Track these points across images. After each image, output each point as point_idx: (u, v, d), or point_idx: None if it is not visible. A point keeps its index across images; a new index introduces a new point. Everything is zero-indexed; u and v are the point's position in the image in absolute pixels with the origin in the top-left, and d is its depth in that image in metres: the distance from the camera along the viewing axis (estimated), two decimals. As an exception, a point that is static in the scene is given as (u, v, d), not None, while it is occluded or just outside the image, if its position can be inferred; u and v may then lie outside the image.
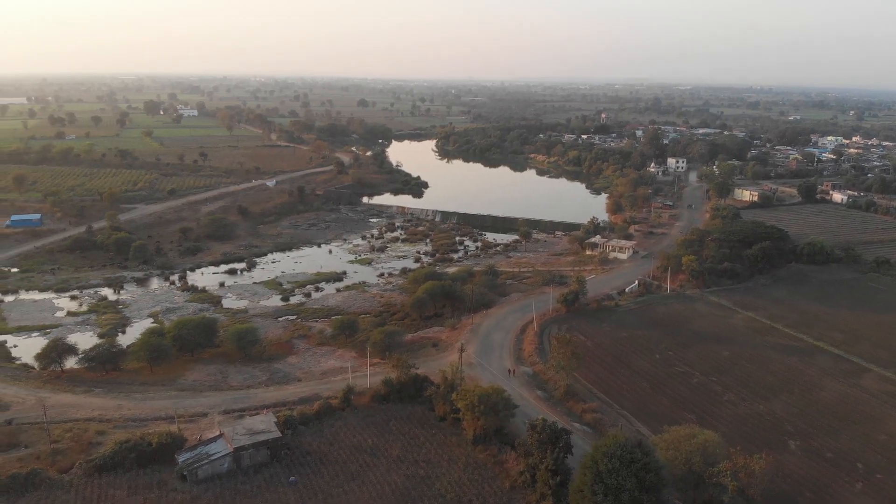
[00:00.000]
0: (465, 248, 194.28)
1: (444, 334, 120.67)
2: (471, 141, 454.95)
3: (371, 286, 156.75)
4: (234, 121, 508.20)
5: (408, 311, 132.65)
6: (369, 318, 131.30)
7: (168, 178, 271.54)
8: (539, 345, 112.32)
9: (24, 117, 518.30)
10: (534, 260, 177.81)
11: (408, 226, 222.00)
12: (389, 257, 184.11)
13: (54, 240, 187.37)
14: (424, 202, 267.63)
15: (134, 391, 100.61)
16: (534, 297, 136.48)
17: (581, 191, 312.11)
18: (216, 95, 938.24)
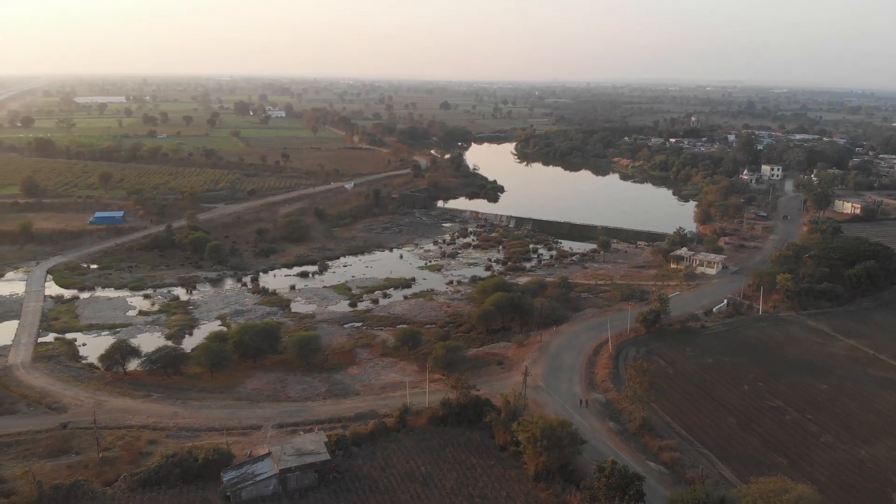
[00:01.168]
0: (539, 256, 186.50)
1: (510, 351, 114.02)
2: (551, 144, 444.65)
3: (439, 294, 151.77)
4: (318, 122, 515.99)
5: (474, 323, 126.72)
6: (434, 330, 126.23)
7: (250, 178, 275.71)
8: (614, 369, 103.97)
9: (121, 116, 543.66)
10: (612, 272, 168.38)
11: (480, 231, 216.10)
12: (460, 264, 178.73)
13: (135, 237, 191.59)
14: (499, 207, 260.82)
15: (191, 398, 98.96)
16: (610, 315, 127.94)
17: (667, 198, 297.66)
18: (305, 97, 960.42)
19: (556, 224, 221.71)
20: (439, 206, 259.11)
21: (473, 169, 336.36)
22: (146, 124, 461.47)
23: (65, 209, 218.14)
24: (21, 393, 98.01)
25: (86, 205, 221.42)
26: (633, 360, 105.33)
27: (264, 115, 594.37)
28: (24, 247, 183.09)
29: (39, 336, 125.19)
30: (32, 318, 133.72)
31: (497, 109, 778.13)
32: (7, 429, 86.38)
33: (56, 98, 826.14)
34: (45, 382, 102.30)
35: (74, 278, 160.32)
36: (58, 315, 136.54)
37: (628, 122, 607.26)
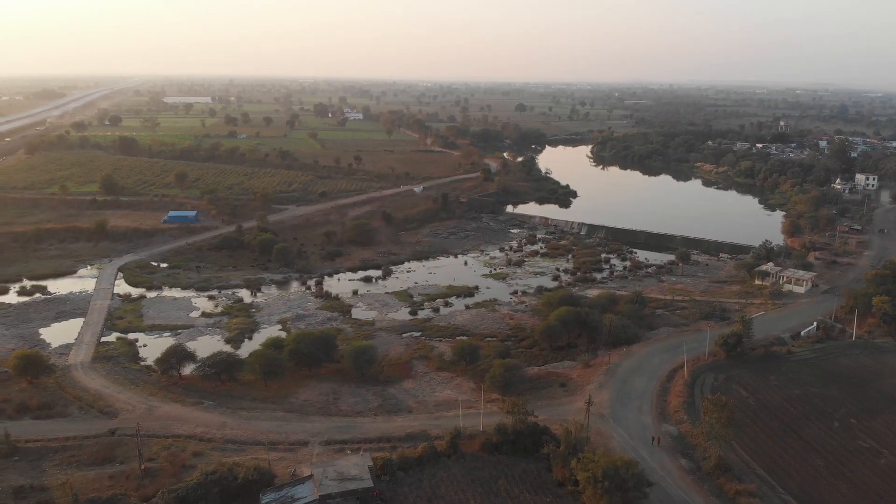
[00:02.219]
0: (612, 267, 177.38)
1: (574, 372, 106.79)
2: (629, 147, 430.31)
3: (502, 305, 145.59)
4: (394, 125, 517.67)
5: (537, 338, 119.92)
6: (494, 344, 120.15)
7: (322, 180, 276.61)
8: (689, 397, 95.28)
9: (205, 116, 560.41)
10: (691, 287, 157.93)
11: (550, 239, 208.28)
12: (526, 273, 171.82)
13: (205, 237, 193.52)
14: (571, 213, 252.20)
15: (242, 407, 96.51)
16: (687, 335, 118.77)
17: (753, 207, 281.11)
18: (383, 99, 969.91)
19: (631, 232, 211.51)
20: (508, 210, 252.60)
21: (545, 172, 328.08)
22: (227, 125, 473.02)
23: (141, 207, 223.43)
24: (75, 395, 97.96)
25: (161, 203, 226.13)
26: (710, 388, 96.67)
27: (342, 117, 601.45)
28: (98, 244, 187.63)
29: (102, 335, 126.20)
30: (98, 317, 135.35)
31: (574, 111, 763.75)
32: (56, 433, 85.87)
33: (146, 98, 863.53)
34: (100, 384, 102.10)
35: (144, 277, 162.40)
36: (123, 314, 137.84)
37: (712, 125, 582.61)
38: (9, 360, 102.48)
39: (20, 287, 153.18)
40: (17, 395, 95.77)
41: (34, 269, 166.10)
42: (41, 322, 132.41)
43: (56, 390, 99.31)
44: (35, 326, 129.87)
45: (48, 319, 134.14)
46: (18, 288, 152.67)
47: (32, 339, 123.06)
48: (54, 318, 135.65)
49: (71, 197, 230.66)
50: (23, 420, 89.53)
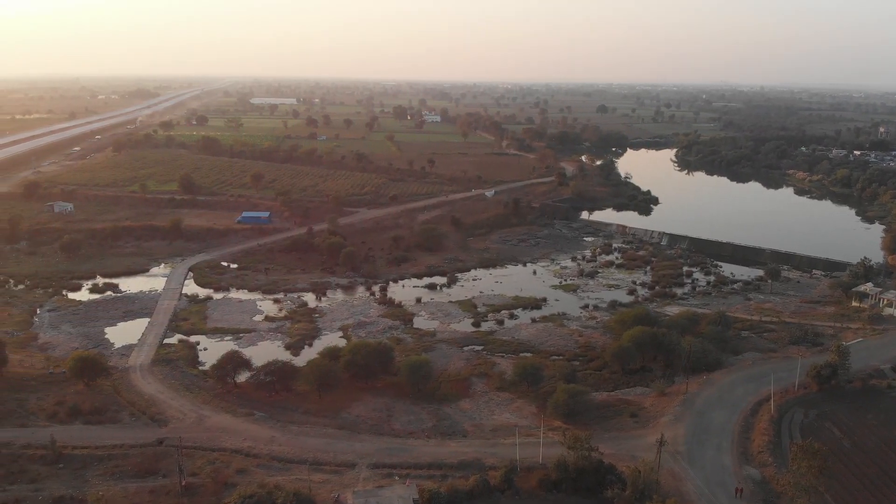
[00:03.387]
0: (694, 282, 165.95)
1: (647, 400, 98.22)
2: (717, 151, 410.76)
3: (571, 320, 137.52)
4: (470, 127, 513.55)
5: (607, 360, 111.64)
6: (560, 363, 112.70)
7: (395, 183, 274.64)
8: (775, 436, 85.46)
9: (288, 117, 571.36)
10: (781, 307, 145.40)
11: (627, 248, 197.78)
12: (599, 285, 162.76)
13: (276, 239, 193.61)
14: (651, 221, 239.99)
15: (293, 421, 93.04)
16: (775, 363, 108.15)
17: (850, 219, 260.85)
18: (463, 102, 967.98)
19: (716, 244, 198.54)
20: (583, 217, 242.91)
21: (625, 177, 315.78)
22: (308, 126, 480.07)
23: (217, 207, 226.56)
24: (129, 399, 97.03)
25: (237, 204, 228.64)
26: (799, 427, 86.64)
27: (420, 119, 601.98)
28: (173, 242, 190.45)
29: (165, 337, 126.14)
30: (163, 318, 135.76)
31: (658, 113, 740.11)
32: (104, 440, 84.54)
33: (234, 98, 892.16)
34: (155, 389, 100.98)
35: (213, 277, 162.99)
36: (188, 315, 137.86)
37: (806, 130, 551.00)
38: (66, 361, 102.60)
39: (92, 284, 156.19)
40: (72, 397, 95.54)
41: (108, 266, 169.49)
42: (108, 321, 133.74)
43: (111, 394, 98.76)
44: (102, 325, 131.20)
45: (115, 319, 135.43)
46: (91, 285, 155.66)
47: (97, 339, 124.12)
48: (121, 317, 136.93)
49: (150, 195, 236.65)
50: (73, 424, 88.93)
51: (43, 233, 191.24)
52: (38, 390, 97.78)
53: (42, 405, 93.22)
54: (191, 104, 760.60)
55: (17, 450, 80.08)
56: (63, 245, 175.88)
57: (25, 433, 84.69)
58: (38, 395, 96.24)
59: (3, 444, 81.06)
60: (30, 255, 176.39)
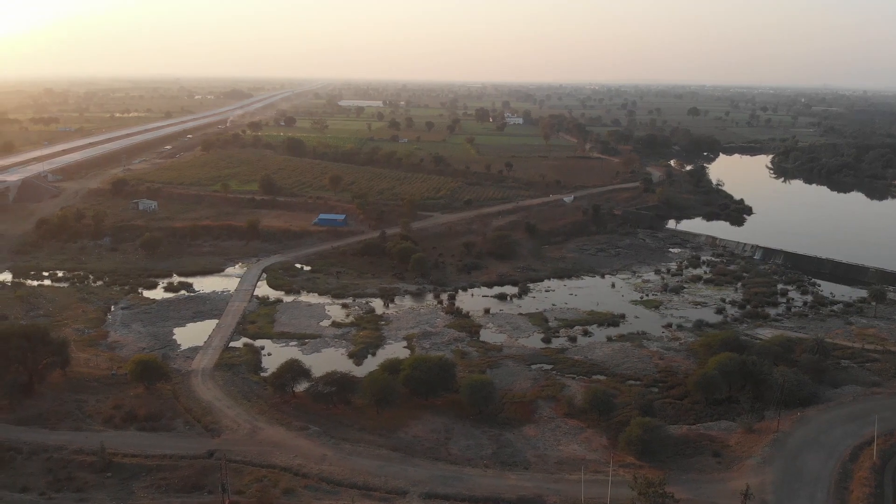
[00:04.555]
0: (789, 301, 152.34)
1: (733, 438, 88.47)
2: (816, 159, 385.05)
3: (651, 340, 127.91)
4: (552, 130, 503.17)
5: (690, 388, 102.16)
6: (636, 390, 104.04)
7: (470, 187, 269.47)
8: (877, 488, 74.51)
9: (373, 119, 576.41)
10: (886, 333, 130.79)
11: (716, 262, 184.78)
12: (684, 302, 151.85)
13: (350, 242, 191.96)
14: (743, 233, 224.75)
15: (347, 438, 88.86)
16: (880, 400, 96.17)
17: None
18: (547, 104, 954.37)
19: (814, 260, 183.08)
20: (669, 226, 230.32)
21: (716, 184, 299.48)
22: (391, 128, 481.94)
23: (295, 208, 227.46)
24: (186, 406, 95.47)
25: (314, 205, 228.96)
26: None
27: (502, 121, 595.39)
28: (249, 243, 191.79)
29: (231, 340, 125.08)
30: (231, 320, 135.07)
31: (754, 117, 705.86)
32: (155, 449, 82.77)
33: (323, 100, 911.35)
34: (213, 396, 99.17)
35: (285, 279, 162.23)
36: (256, 318, 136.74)
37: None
38: (127, 364, 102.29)
39: (168, 283, 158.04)
40: (130, 401, 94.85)
41: (185, 265, 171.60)
42: (177, 321, 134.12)
43: (170, 399, 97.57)
44: (171, 325, 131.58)
45: (184, 319, 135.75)
46: (166, 284, 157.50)
47: (164, 340, 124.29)
48: (191, 317, 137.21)
49: (231, 195, 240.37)
50: (128, 430, 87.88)
51: (126, 229, 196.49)
52: (98, 392, 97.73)
53: (100, 408, 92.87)
54: (281, 105, 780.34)
55: (68, 455, 79.32)
56: (143, 242, 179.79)
57: (79, 437, 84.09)
58: (98, 397, 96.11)
59: (55, 448, 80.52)
60: (112, 252, 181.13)
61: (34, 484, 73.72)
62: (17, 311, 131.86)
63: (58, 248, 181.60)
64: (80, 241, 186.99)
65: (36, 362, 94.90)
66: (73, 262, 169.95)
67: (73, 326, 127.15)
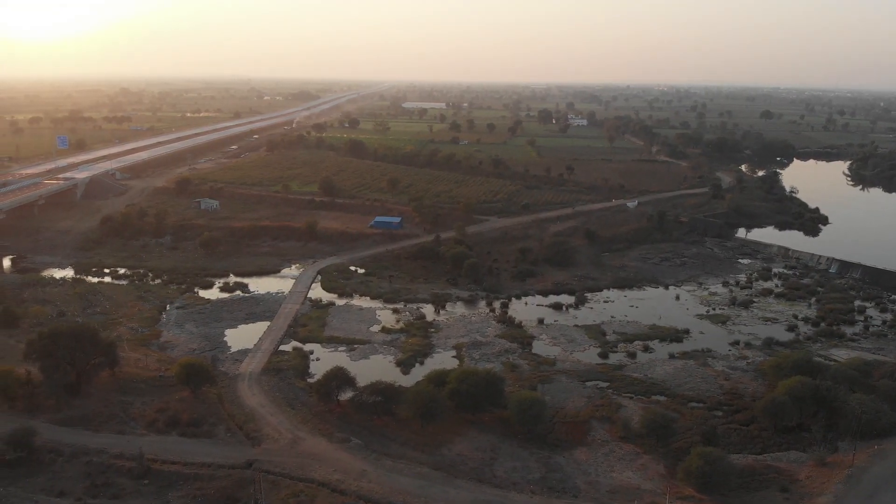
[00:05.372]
0: (867, 320, 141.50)
1: (803, 471, 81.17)
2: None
3: (717, 359, 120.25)
4: (617, 132, 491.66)
5: (757, 413, 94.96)
6: (699, 413, 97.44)
7: (529, 190, 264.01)
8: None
9: (435, 121, 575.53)
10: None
11: (788, 275, 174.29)
12: (753, 318, 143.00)
13: (404, 245, 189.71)
14: (818, 244, 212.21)
15: (388, 453, 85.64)
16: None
17: None
18: (613, 105, 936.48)
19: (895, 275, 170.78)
20: (738, 235, 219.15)
21: (790, 191, 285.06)
22: (451, 130, 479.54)
23: (352, 210, 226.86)
24: (230, 412, 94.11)
25: (371, 207, 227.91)
26: None
27: (565, 123, 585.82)
28: (307, 244, 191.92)
29: (281, 343, 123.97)
30: (283, 322, 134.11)
31: (830, 121, 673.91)
32: (194, 456, 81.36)
33: (387, 102, 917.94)
34: (257, 402, 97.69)
35: (339, 282, 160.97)
36: (307, 322, 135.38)
37: None
38: (174, 367, 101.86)
39: (224, 283, 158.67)
40: (175, 404, 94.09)
41: (242, 265, 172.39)
42: (230, 322, 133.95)
43: (214, 403, 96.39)
44: (223, 327, 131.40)
45: (237, 320, 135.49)
46: (222, 283, 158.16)
47: (215, 341, 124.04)
48: (243, 318, 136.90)
49: (292, 196, 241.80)
50: (170, 435, 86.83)
51: (187, 228, 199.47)
52: (144, 394, 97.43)
53: (144, 411, 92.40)
54: (346, 107, 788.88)
55: (108, 459, 78.60)
56: (202, 241, 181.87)
57: (121, 441, 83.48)
58: (144, 399, 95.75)
59: (96, 452, 79.99)
60: (172, 250, 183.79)
61: (71, 489, 73.19)
62: (75, 308, 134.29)
63: (120, 245, 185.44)
64: (141, 238, 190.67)
65: (84, 362, 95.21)
66: (133, 260, 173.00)
67: (128, 325, 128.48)
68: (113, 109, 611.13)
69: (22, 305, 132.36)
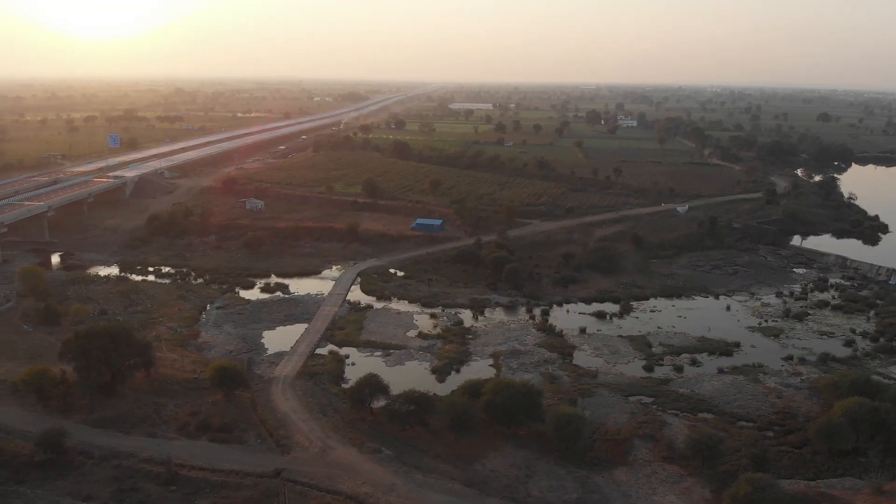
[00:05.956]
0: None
1: (859, 499, 75.28)
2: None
3: (769, 374, 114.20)
4: (668, 133, 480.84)
5: (811, 435, 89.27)
6: (748, 433, 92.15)
7: (575, 193, 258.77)
8: None
9: (481, 122, 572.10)
10: None
11: (846, 286, 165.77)
12: (808, 331, 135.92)
13: (445, 248, 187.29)
14: (878, 254, 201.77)
15: (420, 466, 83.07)
16: None
17: None
18: (664, 106, 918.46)
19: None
20: (793, 243, 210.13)
21: (848, 198, 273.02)
22: (497, 131, 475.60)
23: (394, 212, 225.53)
24: (262, 417, 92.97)
25: (413, 209, 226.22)
26: None
27: (614, 124, 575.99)
28: (349, 245, 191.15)
29: (318, 346, 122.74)
30: (320, 325, 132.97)
31: (890, 124, 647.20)
32: (223, 463, 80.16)
33: (434, 103, 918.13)
34: (290, 408, 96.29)
35: (378, 284, 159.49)
36: (344, 325, 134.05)
37: None
38: (207, 369, 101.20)
39: (265, 283, 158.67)
40: (207, 408, 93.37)
41: (284, 265, 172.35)
42: (268, 324, 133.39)
43: (247, 408, 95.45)
44: (261, 328, 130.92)
45: (275, 322, 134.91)
46: (263, 284, 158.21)
47: (253, 343, 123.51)
48: (282, 320, 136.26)
49: (335, 197, 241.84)
50: (199, 440, 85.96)
51: (231, 228, 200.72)
52: (178, 396, 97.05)
53: (177, 413, 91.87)
54: (394, 108, 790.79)
55: (137, 463, 78.02)
56: (246, 241, 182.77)
57: (151, 444, 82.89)
58: (177, 401, 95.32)
59: (126, 455, 79.51)
60: (216, 250, 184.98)
61: (98, 493, 72.68)
62: (117, 307, 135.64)
63: (165, 243, 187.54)
64: (186, 237, 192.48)
65: (119, 363, 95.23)
66: (177, 259, 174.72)
67: (168, 324, 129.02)
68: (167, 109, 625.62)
69: (65, 303, 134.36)
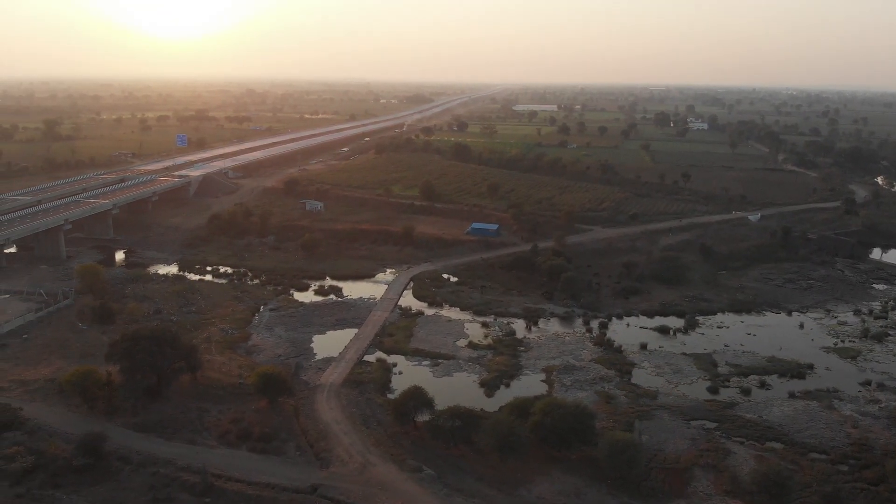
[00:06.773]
0: None
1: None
2: None
3: (844, 401, 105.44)
4: (741, 137, 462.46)
5: (889, 471, 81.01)
6: (821, 467, 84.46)
7: (640, 198, 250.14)
8: None
9: (545, 124, 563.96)
10: None
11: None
12: (888, 354, 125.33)
13: (500, 254, 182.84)
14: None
15: (462, 489, 79.10)
16: None
17: None
18: (737, 108, 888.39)
19: None
20: (873, 257, 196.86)
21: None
22: (560, 133, 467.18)
23: (451, 215, 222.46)
24: (304, 427, 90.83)
25: (469, 213, 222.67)
26: None
27: (684, 126, 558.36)
28: (403, 249, 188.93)
29: (366, 353, 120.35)
30: (370, 330, 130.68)
31: None
32: (260, 475, 78.11)
33: (498, 105, 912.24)
34: (332, 418, 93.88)
35: (430, 290, 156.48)
36: (394, 331, 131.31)
37: None
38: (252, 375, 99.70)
39: (319, 286, 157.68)
40: (250, 415, 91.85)
41: (339, 268, 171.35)
42: (319, 328, 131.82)
43: (290, 416, 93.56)
44: (312, 332, 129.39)
45: (326, 326, 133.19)
46: (317, 286, 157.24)
47: (302, 347, 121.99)
48: (332, 324, 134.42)
49: (393, 199, 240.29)
50: (239, 449, 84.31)
51: (290, 229, 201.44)
52: (222, 401, 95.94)
53: (219, 420, 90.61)
54: (457, 110, 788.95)
55: (174, 471, 76.76)
56: (303, 243, 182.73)
57: (190, 452, 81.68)
58: (221, 407, 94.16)
59: (164, 462, 78.45)
60: (273, 250, 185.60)
61: (133, 501, 71.60)
62: (172, 306, 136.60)
63: (225, 243, 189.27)
64: (246, 237, 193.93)
65: (165, 366, 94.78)
66: (236, 259, 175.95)
67: (220, 325, 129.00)
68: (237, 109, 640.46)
69: (122, 301, 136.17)
